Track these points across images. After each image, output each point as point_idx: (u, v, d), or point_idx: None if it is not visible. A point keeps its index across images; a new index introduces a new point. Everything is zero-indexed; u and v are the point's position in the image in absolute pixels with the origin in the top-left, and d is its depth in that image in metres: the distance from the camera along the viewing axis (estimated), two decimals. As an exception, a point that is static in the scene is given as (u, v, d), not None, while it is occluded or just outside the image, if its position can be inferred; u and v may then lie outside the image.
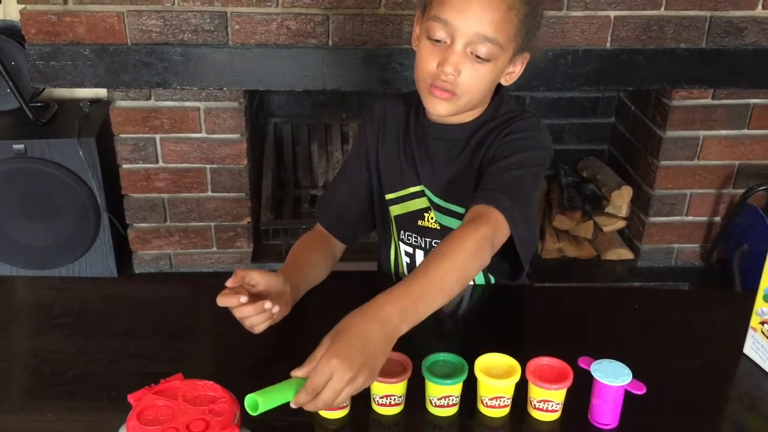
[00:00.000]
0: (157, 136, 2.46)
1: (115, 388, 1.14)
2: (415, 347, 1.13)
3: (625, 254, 2.76)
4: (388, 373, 1.07)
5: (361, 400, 1.10)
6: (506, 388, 1.07)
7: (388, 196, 1.43)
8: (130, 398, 1.03)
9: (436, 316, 1.08)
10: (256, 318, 1.15)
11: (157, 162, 2.50)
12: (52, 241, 2.58)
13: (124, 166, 2.49)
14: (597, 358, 1.08)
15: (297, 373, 0.97)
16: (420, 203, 1.40)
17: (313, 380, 0.95)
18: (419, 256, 1.44)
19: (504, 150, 1.28)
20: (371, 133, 1.44)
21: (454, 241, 1.12)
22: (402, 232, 1.45)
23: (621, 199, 2.74)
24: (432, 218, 1.40)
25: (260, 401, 0.94)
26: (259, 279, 1.18)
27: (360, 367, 0.95)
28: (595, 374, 1.05)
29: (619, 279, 2.71)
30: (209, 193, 2.57)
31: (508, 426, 1.09)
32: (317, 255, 1.39)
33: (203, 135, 2.47)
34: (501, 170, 1.26)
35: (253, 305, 1.13)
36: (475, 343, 1.15)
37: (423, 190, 1.39)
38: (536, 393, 1.07)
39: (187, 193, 2.56)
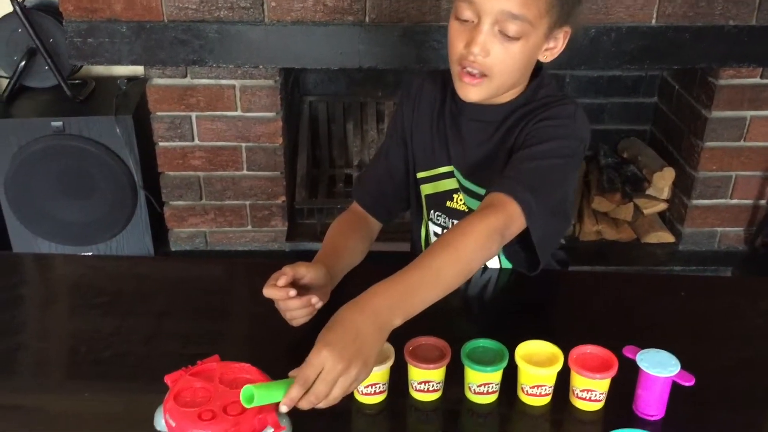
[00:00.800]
0: (193, 114, 2.45)
1: (152, 368, 1.13)
2: (455, 333, 1.11)
3: (666, 237, 2.70)
4: (426, 358, 1.05)
5: (399, 385, 1.08)
6: (548, 377, 1.04)
7: (420, 175, 1.40)
8: (167, 379, 1.03)
9: (474, 301, 1.05)
10: (299, 312, 1.15)
11: (192, 140, 2.49)
12: (89, 218, 2.59)
13: (161, 143, 2.49)
14: (642, 347, 1.05)
15: (295, 372, 0.95)
16: (449, 184, 1.37)
17: (304, 372, 0.92)
18: None
19: (534, 136, 1.22)
20: (407, 107, 1.40)
21: (461, 230, 1.07)
22: (432, 211, 1.42)
23: (663, 181, 2.67)
24: (461, 200, 1.37)
25: (256, 394, 0.92)
26: (304, 273, 1.17)
27: (351, 359, 0.92)
28: (642, 364, 1.02)
29: (659, 263, 2.65)
30: (244, 172, 2.56)
31: (549, 415, 1.06)
32: (354, 239, 1.37)
33: (239, 113, 2.45)
34: (526, 158, 1.20)
35: (300, 299, 1.13)
36: (515, 329, 1.12)
37: (452, 171, 1.36)
38: (579, 382, 1.04)
39: (223, 171, 2.55)
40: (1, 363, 1.16)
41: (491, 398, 1.07)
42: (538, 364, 1.04)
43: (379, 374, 1.04)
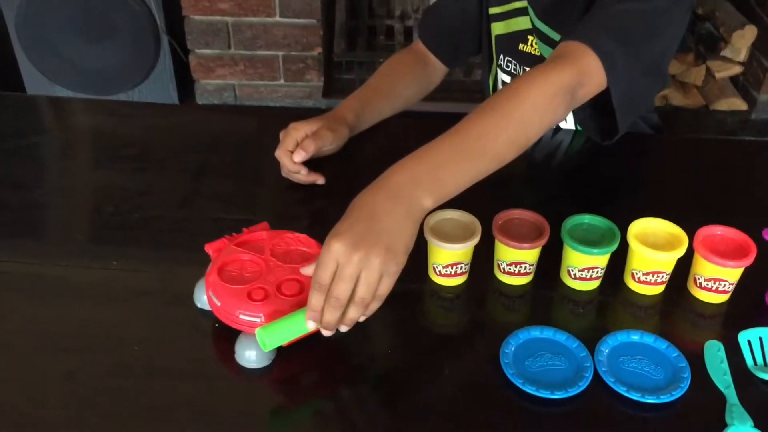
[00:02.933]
0: (221, -51, 2.18)
1: (190, 235, 0.97)
2: (555, 207, 0.92)
3: (738, 104, 2.46)
4: (519, 236, 0.87)
5: (484, 265, 0.91)
6: (667, 262, 0.87)
7: (492, 10, 1.22)
8: (208, 249, 0.87)
9: (559, 169, 0.86)
10: (303, 179, 1.06)
11: (220, -21, 2.23)
12: (108, 65, 2.38)
13: (185, -18, 2.24)
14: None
15: (306, 270, 0.80)
16: (522, 23, 1.17)
17: (316, 274, 0.74)
18: None
19: None
20: None
21: (516, 88, 0.85)
22: (502, 56, 1.23)
23: (742, 41, 2.39)
24: (535, 43, 1.16)
25: (267, 339, 0.76)
26: (329, 145, 1.07)
27: (370, 247, 0.72)
28: (788, 251, 0.84)
29: (728, 132, 2.43)
30: (277, 18, 2.31)
31: (661, 305, 0.89)
32: (405, 81, 1.23)
33: (272, -50, 2.18)
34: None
35: (306, 177, 1.05)
36: (618, 204, 0.93)
37: (526, 8, 1.14)
38: (706, 269, 0.86)
39: (253, 17, 2.31)
40: (16, 223, 1.00)
41: (593, 285, 0.90)
42: (655, 246, 0.86)
43: (461, 253, 0.87)
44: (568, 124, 1.22)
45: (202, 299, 0.85)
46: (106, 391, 0.76)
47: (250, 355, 0.79)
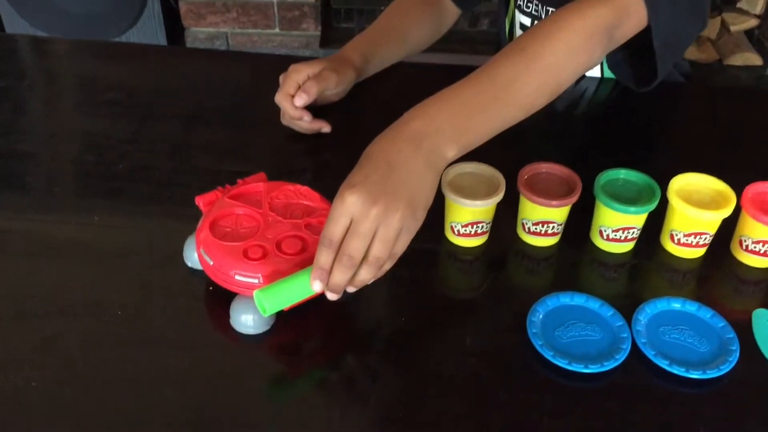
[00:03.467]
0: None
1: (180, 187, 0.88)
2: (584, 161, 0.83)
3: (753, 59, 2.36)
4: (547, 192, 0.79)
5: (506, 223, 0.82)
6: (711, 222, 0.78)
7: None
8: (199, 201, 0.78)
9: (599, 122, 0.77)
10: (302, 127, 0.97)
11: None
12: (92, 10, 2.26)
13: None
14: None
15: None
16: None
17: (327, 230, 0.66)
18: None
19: None
20: None
21: (547, 28, 0.77)
22: None
23: (761, -8, 2.29)
24: None
25: (266, 303, 0.67)
26: (333, 87, 0.98)
27: (388, 199, 0.65)
28: None
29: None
30: (273, -38, 2.19)
31: (700, 270, 0.81)
32: (416, 23, 1.14)
33: None
34: None
35: (310, 124, 0.96)
36: (658, 158, 0.85)
37: None
38: (755, 230, 0.78)
39: (247, -41, 2.18)
40: (-13, 173, 0.90)
41: (626, 247, 0.81)
42: (699, 205, 0.78)
43: (483, 210, 0.78)
44: (594, 70, 1.13)
45: (193, 258, 0.76)
46: (84, 362, 0.68)
47: (247, 320, 0.71)
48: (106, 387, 0.66)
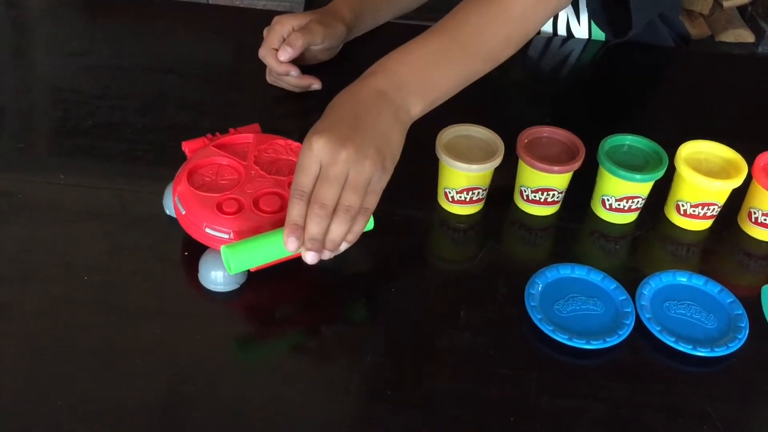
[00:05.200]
0: None
1: (155, 146, 0.82)
2: (585, 126, 0.78)
3: (745, 36, 2.32)
4: (548, 158, 0.74)
5: (503, 190, 0.77)
6: (720, 192, 0.74)
7: None
8: (185, 147, 0.74)
9: (597, 86, 0.72)
10: (291, 84, 0.91)
11: None
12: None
13: None
14: None
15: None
16: None
17: (297, 181, 0.62)
18: None
19: None
20: None
21: None
22: None
23: (755, -33, 2.24)
24: None
25: (232, 261, 0.62)
26: (320, 41, 0.90)
27: (359, 142, 0.61)
28: None
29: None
30: None
31: (706, 243, 0.77)
32: None
33: None
34: None
35: (299, 80, 0.89)
36: (663, 124, 0.80)
37: None
38: (765, 202, 0.74)
39: None
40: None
41: (630, 217, 0.77)
42: (708, 174, 0.73)
43: (479, 176, 0.73)
44: (582, 28, 1.07)
45: (171, 205, 0.71)
46: (48, 330, 0.63)
47: (216, 276, 0.66)
48: (70, 357, 0.61)
